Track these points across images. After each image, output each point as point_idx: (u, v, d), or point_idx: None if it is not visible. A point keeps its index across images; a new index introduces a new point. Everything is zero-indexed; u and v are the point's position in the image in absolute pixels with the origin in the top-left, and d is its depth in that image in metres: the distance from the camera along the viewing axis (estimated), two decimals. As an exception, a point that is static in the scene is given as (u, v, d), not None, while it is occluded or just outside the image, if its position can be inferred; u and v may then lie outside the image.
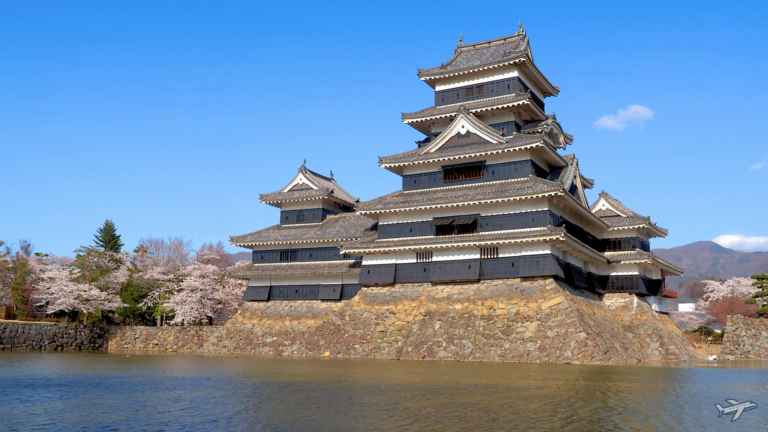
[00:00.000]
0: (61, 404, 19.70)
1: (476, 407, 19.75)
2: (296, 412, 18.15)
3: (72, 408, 18.79)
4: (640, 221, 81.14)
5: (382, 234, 74.73)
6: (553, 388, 27.34)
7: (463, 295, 68.10)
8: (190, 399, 21.67)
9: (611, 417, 18.21)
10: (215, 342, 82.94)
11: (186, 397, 22.16)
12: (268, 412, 18.27)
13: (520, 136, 71.61)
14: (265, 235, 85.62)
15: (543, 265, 64.98)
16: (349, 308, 73.39)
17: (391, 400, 21.86)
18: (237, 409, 19.11)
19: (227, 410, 18.70)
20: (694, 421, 17.62)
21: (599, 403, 21.75)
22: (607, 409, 20.12)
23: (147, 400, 21.31)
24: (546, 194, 64.83)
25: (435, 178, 74.76)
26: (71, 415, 17.15)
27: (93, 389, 25.04)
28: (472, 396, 23.41)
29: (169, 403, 20.34)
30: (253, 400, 21.81)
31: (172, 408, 19.08)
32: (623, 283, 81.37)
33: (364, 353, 67.93)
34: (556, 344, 59.49)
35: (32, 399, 20.96)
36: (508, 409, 19.40)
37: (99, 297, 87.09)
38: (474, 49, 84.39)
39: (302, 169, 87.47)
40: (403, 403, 20.99)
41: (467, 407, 19.72)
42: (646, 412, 19.47)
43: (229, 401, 21.18)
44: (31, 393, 23.05)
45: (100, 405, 19.49)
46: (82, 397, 22.03)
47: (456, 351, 63.28)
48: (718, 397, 24.25)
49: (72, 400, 20.84)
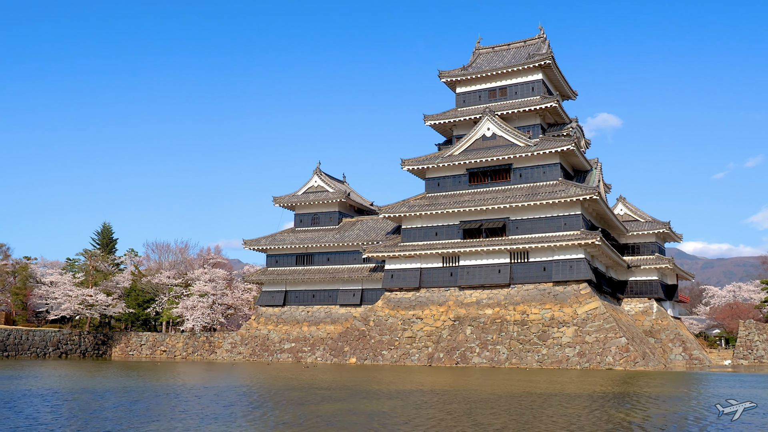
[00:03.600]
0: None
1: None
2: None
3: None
4: (659, 226, 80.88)
5: (405, 237, 73.14)
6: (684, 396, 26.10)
7: (493, 299, 66.85)
8: (372, 413, 19.88)
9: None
10: (229, 348, 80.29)
11: (362, 410, 20.35)
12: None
13: (548, 139, 70.77)
14: (280, 239, 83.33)
15: (577, 269, 64.07)
16: (372, 313, 71.57)
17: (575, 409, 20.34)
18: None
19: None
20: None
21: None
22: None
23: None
24: (580, 198, 64.01)
25: (460, 180, 73.47)
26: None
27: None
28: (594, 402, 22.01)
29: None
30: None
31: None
32: (642, 288, 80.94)
33: (392, 359, 66.18)
34: (595, 349, 58.53)
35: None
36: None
37: (104, 302, 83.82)
38: (493, 51, 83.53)
39: (317, 171, 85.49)
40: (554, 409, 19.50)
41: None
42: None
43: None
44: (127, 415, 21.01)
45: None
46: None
47: (491, 357, 61.94)
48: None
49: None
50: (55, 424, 17.15)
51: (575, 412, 20.41)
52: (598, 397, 25.77)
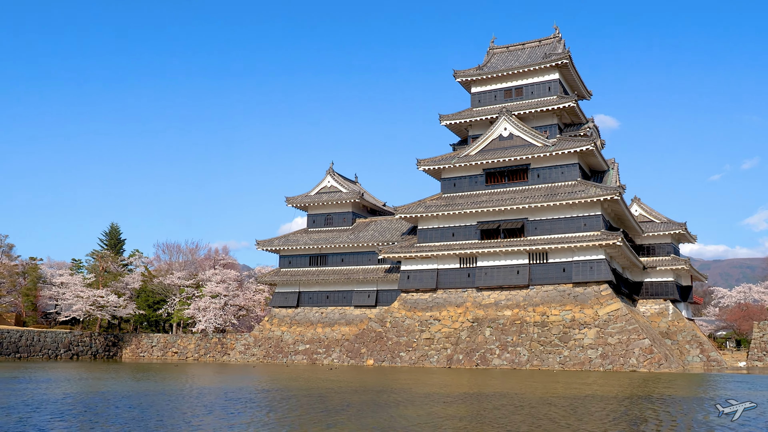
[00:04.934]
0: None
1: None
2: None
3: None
4: (675, 227, 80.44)
5: (421, 238, 72.55)
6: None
7: (512, 301, 66.28)
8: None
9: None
10: (242, 350, 79.57)
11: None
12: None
13: (566, 139, 70.27)
14: (293, 239, 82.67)
15: (597, 270, 63.54)
16: (389, 315, 70.94)
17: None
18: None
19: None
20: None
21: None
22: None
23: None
24: (601, 198, 63.50)
25: (476, 181, 72.92)
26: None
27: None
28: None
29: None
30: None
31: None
32: (658, 289, 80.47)
33: (411, 361, 65.57)
34: (618, 351, 57.98)
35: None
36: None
37: (115, 303, 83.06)
38: (507, 50, 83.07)
39: (330, 172, 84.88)
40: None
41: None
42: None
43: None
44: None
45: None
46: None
47: (511, 359, 61.36)
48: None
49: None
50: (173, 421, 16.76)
51: (648, 414, 19.85)
52: (656, 400, 25.20)
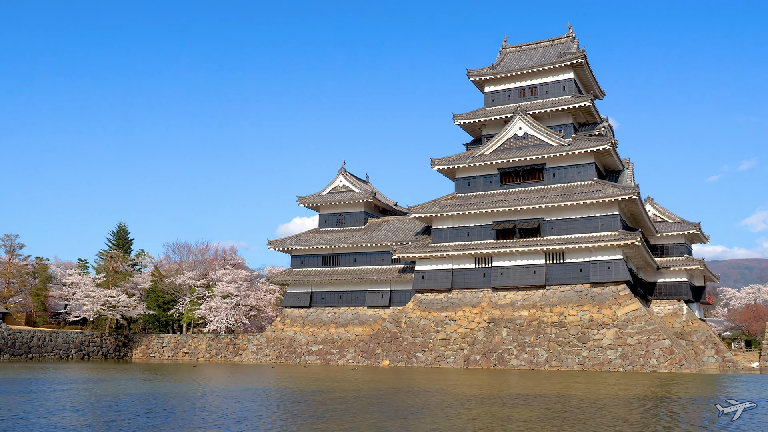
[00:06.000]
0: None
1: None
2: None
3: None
4: (689, 227, 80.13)
5: (436, 238, 72.16)
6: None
7: (528, 301, 65.91)
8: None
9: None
10: (255, 351, 79.13)
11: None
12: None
13: (582, 139, 69.91)
14: (305, 239, 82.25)
15: (615, 270, 63.18)
16: (404, 315, 70.54)
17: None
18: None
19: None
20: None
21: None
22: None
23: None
24: (619, 198, 63.13)
25: (491, 180, 72.53)
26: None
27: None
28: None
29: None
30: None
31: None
32: (671, 289, 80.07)
33: (427, 362, 65.17)
34: (638, 352, 57.61)
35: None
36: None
37: (126, 303, 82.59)
38: (520, 50, 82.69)
39: (342, 171, 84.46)
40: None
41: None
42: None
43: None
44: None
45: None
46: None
47: (529, 359, 60.98)
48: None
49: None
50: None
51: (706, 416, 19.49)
52: (703, 401, 24.83)
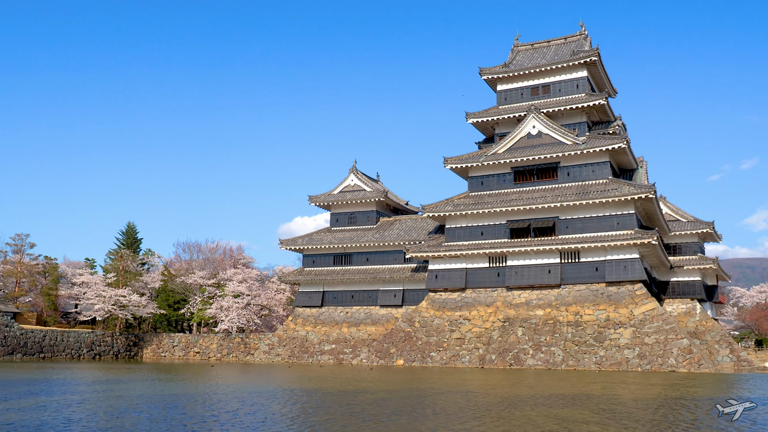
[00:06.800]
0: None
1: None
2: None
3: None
4: (703, 226, 79.70)
5: (449, 237, 71.83)
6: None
7: (544, 300, 65.56)
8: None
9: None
10: (266, 350, 78.85)
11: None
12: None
13: (596, 137, 69.53)
14: (317, 238, 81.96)
15: (631, 269, 62.82)
16: (417, 314, 70.22)
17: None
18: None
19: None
20: None
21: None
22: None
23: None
24: (635, 196, 62.77)
25: (504, 179, 72.18)
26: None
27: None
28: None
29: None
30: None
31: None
32: (684, 288, 79.62)
33: (442, 361, 64.85)
34: (656, 351, 57.25)
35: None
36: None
37: (137, 302, 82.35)
38: (532, 48, 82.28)
39: (353, 170, 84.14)
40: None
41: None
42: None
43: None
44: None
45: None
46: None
47: (545, 359, 60.63)
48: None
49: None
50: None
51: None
52: (761, 401, 24.48)
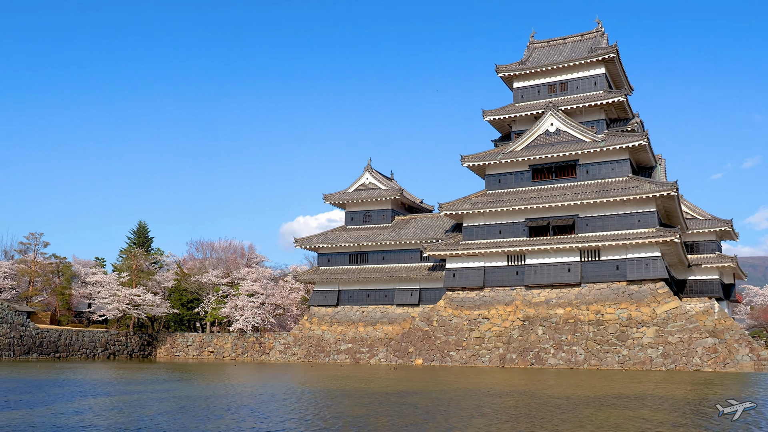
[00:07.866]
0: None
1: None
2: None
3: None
4: (721, 224, 79.05)
5: (467, 235, 71.33)
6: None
7: (563, 299, 65.03)
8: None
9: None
10: (282, 350, 78.44)
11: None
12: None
13: (615, 135, 68.99)
14: (332, 237, 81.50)
15: (653, 268, 62.27)
16: (435, 313, 69.75)
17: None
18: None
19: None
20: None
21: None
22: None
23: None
24: (656, 194, 62.22)
25: (522, 177, 71.66)
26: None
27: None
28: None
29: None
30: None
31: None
32: (702, 287, 79.00)
33: (461, 361, 64.39)
34: (680, 350, 56.74)
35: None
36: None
37: (151, 302, 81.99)
38: (548, 45, 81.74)
39: (368, 168, 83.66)
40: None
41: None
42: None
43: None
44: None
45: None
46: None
47: (567, 358, 60.14)
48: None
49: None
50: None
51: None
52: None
